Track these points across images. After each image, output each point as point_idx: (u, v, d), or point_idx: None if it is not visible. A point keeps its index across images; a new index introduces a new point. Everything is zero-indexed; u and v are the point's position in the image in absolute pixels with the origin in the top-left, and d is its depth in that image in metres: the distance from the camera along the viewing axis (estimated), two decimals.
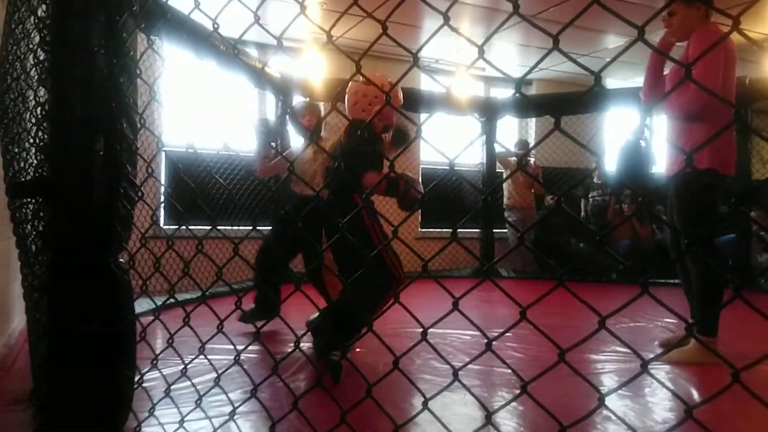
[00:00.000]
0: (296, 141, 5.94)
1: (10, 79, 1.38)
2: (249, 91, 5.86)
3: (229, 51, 4.37)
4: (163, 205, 5.15)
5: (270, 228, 3.94)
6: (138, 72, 1.23)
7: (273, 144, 4.02)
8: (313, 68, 6.07)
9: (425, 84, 6.93)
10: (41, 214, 1.18)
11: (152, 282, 1.34)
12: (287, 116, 3.68)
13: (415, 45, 6.62)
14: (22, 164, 1.32)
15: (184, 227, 1.22)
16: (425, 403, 0.88)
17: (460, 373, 0.85)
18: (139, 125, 1.25)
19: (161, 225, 5.29)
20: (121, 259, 1.21)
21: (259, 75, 5.10)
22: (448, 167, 0.85)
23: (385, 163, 2.42)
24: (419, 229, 7.06)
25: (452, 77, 7.29)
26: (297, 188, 3.62)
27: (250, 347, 2.46)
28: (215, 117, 5.14)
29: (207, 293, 1.95)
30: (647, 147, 7.07)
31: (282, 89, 5.65)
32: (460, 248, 6.99)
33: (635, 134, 6.97)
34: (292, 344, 1.00)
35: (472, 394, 0.89)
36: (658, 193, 7.10)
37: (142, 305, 3.17)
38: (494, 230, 6.85)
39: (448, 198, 6.91)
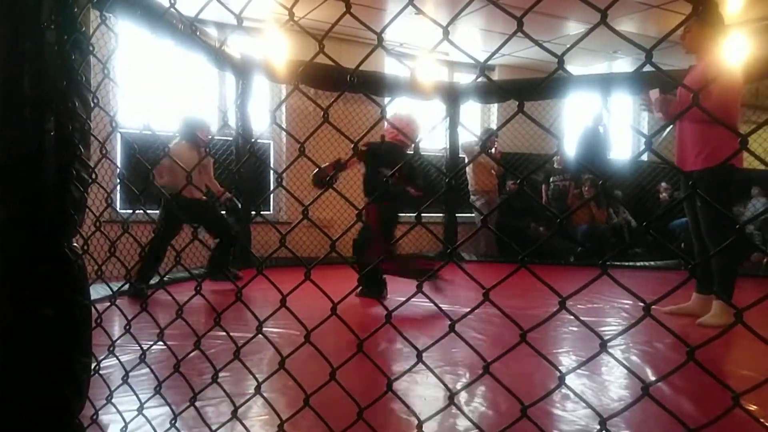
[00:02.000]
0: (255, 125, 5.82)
1: None
2: (208, 72, 5.71)
3: (186, 29, 4.24)
4: (118, 188, 5.00)
5: None
6: (90, 48, 1.18)
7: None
8: (275, 49, 5.96)
9: (390, 68, 6.90)
10: None
11: (108, 267, 1.30)
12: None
13: (379, 27, 6.57)
14: None
15: (140, 211, 1.19)
16: (389, 385, 0.88)
17: (423, 354, 0.86)
18: (92, 104, 1.20)
19: (117, 209, 5.14)
20: (75, 243, 1.17)
21: (218, 55, 4.97)
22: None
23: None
24: None
25: (416, 61, 7.27)
26: None
27: (211, 333, 2.42)
28: (173, 97, 4.99)
29: (165, 278, 1.91)
30: (606, 133, 7.26)
31: (242, 70, 5.53)
32: (425, 232, 7.05)
33: (594, 120, 7.15)
34: (255, 329, 0.99)
35: (435, 375, 0.90)
36: (616, 178, 7.32)
37: (98, 291, 3.10)
38: (457, 215, 6.93)
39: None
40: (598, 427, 0.70)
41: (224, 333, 1.10)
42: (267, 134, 6.52)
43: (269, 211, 6.66)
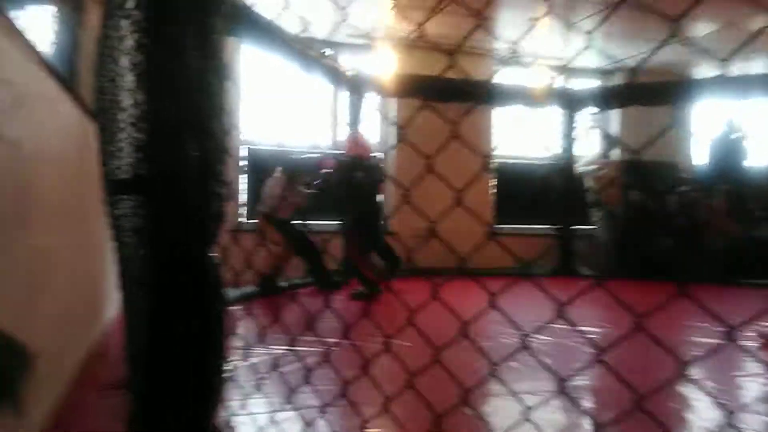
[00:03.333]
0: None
1: (105, 80, 1.46)
2: (324, 89, 5.94)
3: (308, 52, 4.45)
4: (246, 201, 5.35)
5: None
6: (228, 73, 1.26)
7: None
8: (386, 64, 6.07)
9: (501, 77, 6.78)
10: (138, 210, 1.23)
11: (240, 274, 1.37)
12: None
13: (489, 36, 6.49)
14: (118, 162, 1.38)
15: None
16: (526, 413, 0.83)
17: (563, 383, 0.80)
18: (229, 125, 1.28)
19: (245, 220, 5.50)
20: (214, 254, 1.24)
21: (334, 73, 5.16)
22: (524, 161, 0.79)
23: None
24: (494, 226, 6.91)
25: (530, 68, 7.07)
26: None
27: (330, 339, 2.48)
28: (293, 115, 5.25)
29: (295, 284, 1.98)
30: (741, 140, 6.56)
31: (355, 87, 5.69)
32: (537, 245, 6.80)
33: (729, 126, 6.50)
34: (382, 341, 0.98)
35: (583, 412, 0.84)
36: (753, 187, 6.58)
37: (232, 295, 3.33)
38: (573, 227, 6.61)
39: (524, 193, 6.74)
40: None
41: (348, 341, 1.11)
42: (378, 149, 6.64)
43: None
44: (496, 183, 6.85)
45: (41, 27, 1.62)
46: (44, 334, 1.69)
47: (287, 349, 2.35)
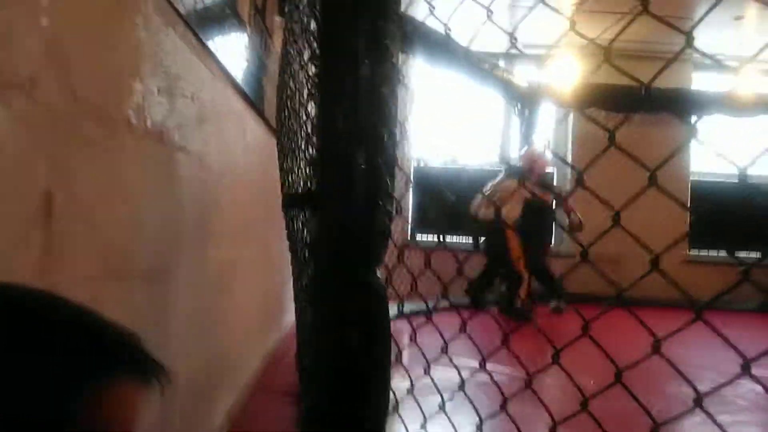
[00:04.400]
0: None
1: (285, 96, 1.49)
2: (496, 102, 5.78)
3: (481, 65, 4.35)
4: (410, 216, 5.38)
5: None
6: (400, 79, 1.19)
7: None
8: (564, 74, 5.71)
9: (698, 83, 6.01)
10: (307, 225, 1.22)
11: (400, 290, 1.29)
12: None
13: (682, 38, 5.76)
14: (294, 177, 1.39)
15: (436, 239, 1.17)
16: None
17: None
18: (398, 138, 1.21)
19: (414, 236, 5.54)
20: (378, 274, 1.17)
21: (507, 86, 4.98)
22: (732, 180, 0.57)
23: None
24: (688, 252, 6.09)
25: (734, 73, 6.16)
26: None
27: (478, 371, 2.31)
28: (462, 131, 5.18)
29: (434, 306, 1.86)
30: None
31: (529, 99, 5.43)
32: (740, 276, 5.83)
33: None
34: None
35: None
36: None
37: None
38: None
39: (727, 215, 5.85)
40: None
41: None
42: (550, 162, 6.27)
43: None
44: (693, 204, 6.05)
45: (232, 49, 1.71)
46: (225, 340, 1.77)
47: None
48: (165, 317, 1.21)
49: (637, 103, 5.28)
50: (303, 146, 1.33)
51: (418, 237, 5.64)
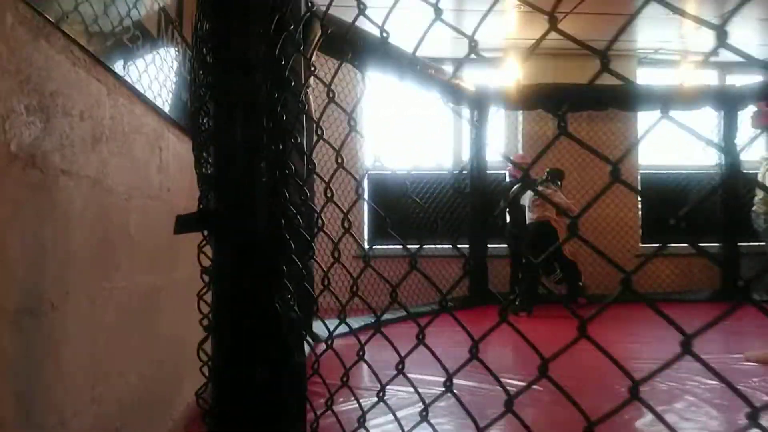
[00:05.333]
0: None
1: (193, 108, 1.39)
2: (442, 107, 5.76)
3: (426, 71, 4.31)
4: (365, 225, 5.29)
5: None
6: (299, 88, 1.10)
7: None
8: (510, 76, 5.74)
9: (642, 78, 6.12)
10: (207, 247, 1.11)
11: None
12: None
13: (629, 36, 5.88)
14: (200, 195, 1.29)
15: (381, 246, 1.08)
16: None
17: None
18: (306, 148, 1.12)
19: (364, 246, 5.44)
20: (288, 296, 1.08)
21: (454, 90, 4.96)
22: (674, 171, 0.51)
23: None
24: (639, 245, 6.18)
25: (676, 67, 6.31)
26: None
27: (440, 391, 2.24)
28: (407, 135, 5.12)
29: (382, 318, 1.78)
30: None
31: (477, 102, 5.43)
32: (693, 266, 5.95)
33: None
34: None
35: None
36: None
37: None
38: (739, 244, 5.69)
39: (674, 206, 5.94)
40: None
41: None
42: (501, 164, 6.29)
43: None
44: (642, 197, 6.15)
45: (141, 64, 1.60)
46: (148, 372, 1.65)
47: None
48: (52, 357, 1.09)
49: (584, 101, 5.34)
50: (201, 159, 1.23)
51: (379, 246, 5.54)
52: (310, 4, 1.14)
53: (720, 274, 5.61)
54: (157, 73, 1.78)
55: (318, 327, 3.32)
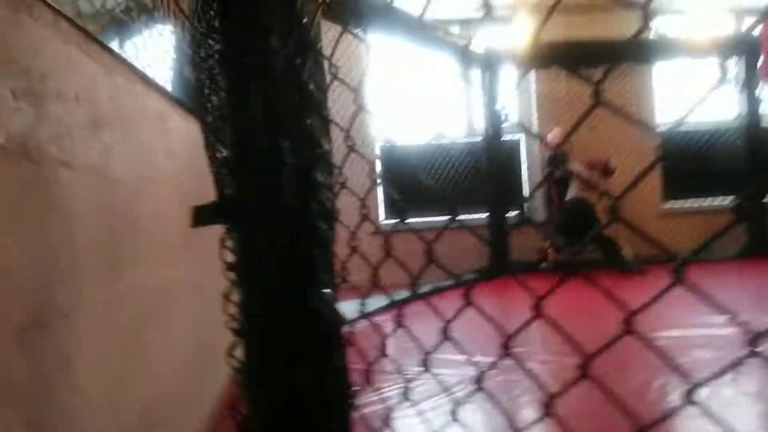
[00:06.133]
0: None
1: (201, 83, 1.25)
2: (453, 71, 5.55)
3: (435, 34, 4.11)
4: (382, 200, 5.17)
5: None
6: (321, 57, 0.96)
7: None
8: (520, 35, 5.51)
9: (657, 29, 5.85)
10: (230, 240, 0.99)
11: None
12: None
13: None
14: (217, 182, 1.16)
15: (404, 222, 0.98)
16: None
17: None
18: (327, 125, 0.99)
19: (381, 221, 5.32)
20: (326, 290, 0.96)
21: (464, 53, 4.76)
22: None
23: None
24: (661, 204, 6.01)
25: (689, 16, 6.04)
26: None
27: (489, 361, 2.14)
28: (421, 105, 4.94)
29: (422, 291, 1.66)
30: None
31: (487, 64, 5.23)
32: (716, 223, 5.79)
33: None
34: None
35: None
36: None
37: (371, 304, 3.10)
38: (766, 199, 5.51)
39: (697, 163, 5.76)
40: None
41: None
42: (517, 129, 6.09)
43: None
44: (663, 154, 5.96)
45: (138, 40, 1.45)
46: (158, 386, 1.55)
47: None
48: (66, 370, 0.98)
49: (597, 57, 5.12)
50: (216, 142, 1.10)
51: (393, 221, 5.42)
52: None
53: (747, 229, 5.44)
54: (157, 49, 1.64)
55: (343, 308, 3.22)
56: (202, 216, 0.95)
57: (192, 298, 1.73)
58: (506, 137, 5.61)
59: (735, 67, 5.71)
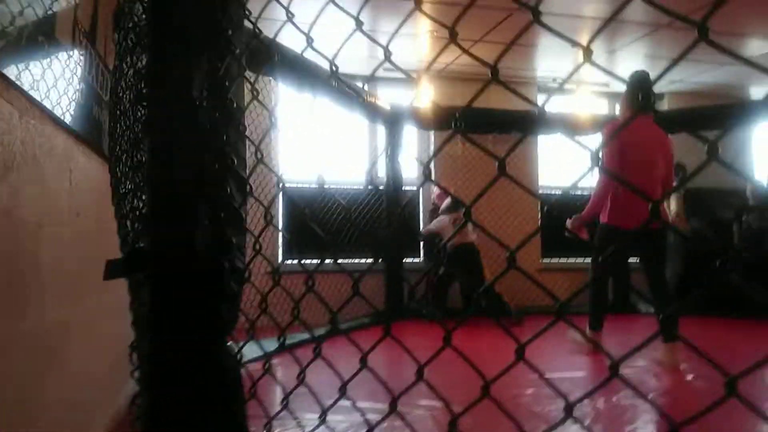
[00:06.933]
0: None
1: (115, 136, 1.29)
2: (360, 124, 5.80)
3: (344, 88, 4.31)
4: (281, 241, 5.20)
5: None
6: (244, 127, 1.06)
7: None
8: (423, 97, 5.90)
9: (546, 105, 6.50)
10: (141, 291, 1.04)
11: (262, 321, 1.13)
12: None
13: (531, 64, 6.25)
14: (122, 231, 1.20)
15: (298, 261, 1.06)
16: None
17: None
18: (248, 187, 1.08)
19: (279, 260, 5.33)
20: (230, 343, 1.03)
21: (370, 108, 5.01)
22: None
23: None
24: (541, 260, 6.55)
25: (572, 95, 6.79)
26: None
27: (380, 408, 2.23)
28: (328, 151, 5.11)
29: (318, 335, 1.75)
30: None
31: (392, 120, 5.53)
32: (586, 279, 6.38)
33: None
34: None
35: None
36: None
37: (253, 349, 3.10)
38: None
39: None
40: None
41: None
42: (416, 181, 6.43)
43: (419, 258, 6.50)
44: (542, 215, 6.53)
45: (50, 79, 1.46)
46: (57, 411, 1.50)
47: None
48: None
49: (492, 125, 5.60)
50: (131, 195, 1.15)
51: (292, 261, 5.43)
52: (256, 28, 1.10)
53: (612, 287, 6.05)
54: (66, 87, 1.65)
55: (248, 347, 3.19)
56: (116, 269, 0.99)
57: (83, 334, 1.70)
58: (406, 188, 5.91)
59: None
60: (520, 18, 4.62)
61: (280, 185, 0.95)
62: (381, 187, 5.80)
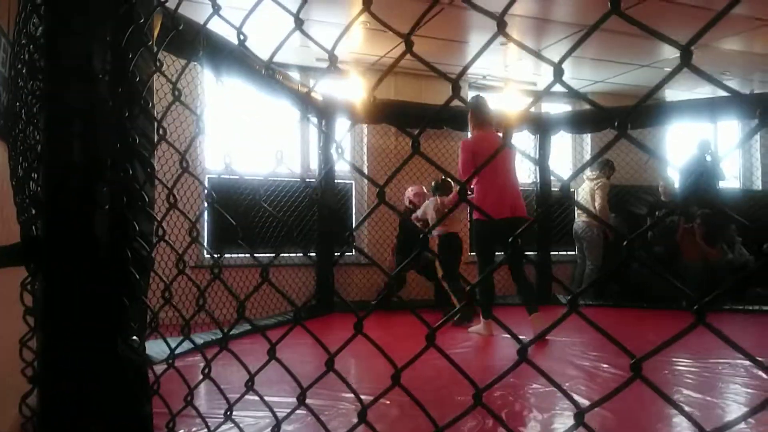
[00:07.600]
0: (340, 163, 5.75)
1: (12, 112, 1.17)
2: (291, 115, 5.69)
3: (270, 75, 4.20)
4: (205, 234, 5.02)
5: None
6: (148, 103, 0.99)
7: None
8: (355, 90, 5.87)
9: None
10: (32, 282, 0.95)
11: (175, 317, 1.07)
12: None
13: (463, 61, 6.35)
14: (20, 216, 1.09)
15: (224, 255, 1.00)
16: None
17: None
18: (152, 167, 1.01)
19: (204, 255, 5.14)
20: (134, 337, 0.96)
21: (301, 98, 4.92)
22: None
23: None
24: (468, 254, 6.69)
25: (500, 93, 6.96)
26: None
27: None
28: (256, 140, 4.97)
29: (229, 332, 1.68)
30: (714, 161, 6.54)
31: (325, 112, 5.46)
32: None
33: (700, 148, 6.47)
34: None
35: None
36: (728, 209, 6.55)
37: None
38: (552, 253, 6.43)
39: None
40: None
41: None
42: (348, 174, 6.40)
43: (351, 252, 6.48)
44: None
45: None
46: None
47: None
48: None
49: (424, 119, 5.65)
50: (25, 176, 1.05)
51: (225, 254, 5.25)
52: None
53: (538, 278, 6.28)
54: None
55: (155, 344, 3.05)
56: (7, 257, 0.90)
57: None
58: (338, 180, 5.86)
59: (532, 141, 6.68)
60: (453, 12, 4.67)
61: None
62: (311, 180, 5.73)
